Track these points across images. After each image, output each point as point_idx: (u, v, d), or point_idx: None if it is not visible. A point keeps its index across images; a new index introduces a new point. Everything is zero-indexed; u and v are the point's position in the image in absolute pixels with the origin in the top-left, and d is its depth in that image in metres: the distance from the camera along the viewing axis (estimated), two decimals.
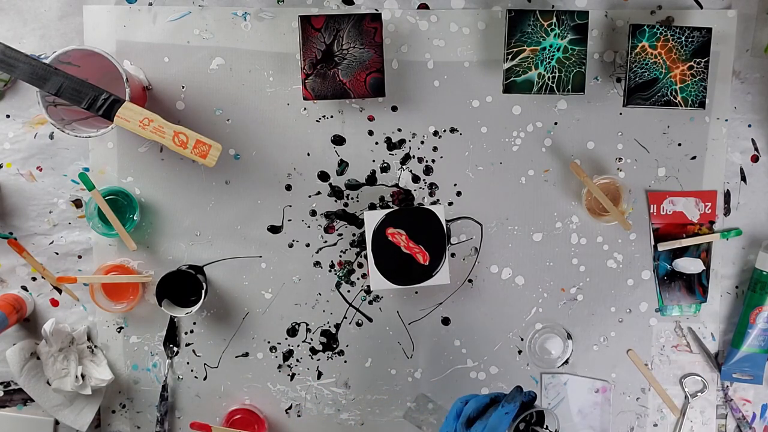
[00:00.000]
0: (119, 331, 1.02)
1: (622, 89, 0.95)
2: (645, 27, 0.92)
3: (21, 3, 0.96)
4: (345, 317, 1.03)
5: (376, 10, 0.98)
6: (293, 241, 1.01)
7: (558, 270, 1.02)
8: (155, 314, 1.02)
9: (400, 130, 1.00)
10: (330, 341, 1.03)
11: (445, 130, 1.00)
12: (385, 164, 1.00)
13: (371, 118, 1.00)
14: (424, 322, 1.03)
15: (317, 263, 1.02)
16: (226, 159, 0.99)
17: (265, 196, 1.00)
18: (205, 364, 1.03)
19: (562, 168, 1.00)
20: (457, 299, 1.02)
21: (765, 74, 0.99)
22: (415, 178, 1.01)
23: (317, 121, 0.99)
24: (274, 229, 1.01)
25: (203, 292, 0.97)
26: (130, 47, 0.98)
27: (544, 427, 0.92)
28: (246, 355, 1.03)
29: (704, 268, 1.02)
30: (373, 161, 1.00)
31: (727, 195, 1.02)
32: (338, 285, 1.02)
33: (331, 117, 0.99)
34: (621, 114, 1.00)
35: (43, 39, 0.97)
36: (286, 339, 1.03)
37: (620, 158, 1.01)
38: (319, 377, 1.04)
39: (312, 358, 1.03)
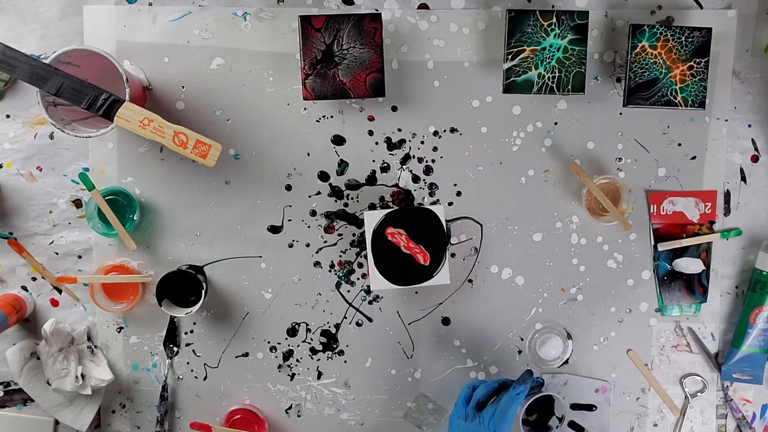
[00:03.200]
0: (119, 331, 1.02)
1: (622, 89, 0.95)
2: (645, 27, 0.92)
3: (21, 3, 0.96)
4: (345, 317, 1.03)
5: (376, 10, 0.98)
6: (293, 241, 1.01)
7: (558, 270, 1.02)
8: (155, 314, 1.02)
9: (400, 130, 1.00)
10: (330, 341, 1.03)
11: (445, 130, 1.00)
12: (385, 164, 1.00)
13: (371, 118, 0.99)
14: (424, 322, 1.03)
15: (317, 263, 1.02)
16: (226, 159, 0.99)
17: (265, 196, 1.00)
18: (205, 364, 1.03)
19: (562, 168, 1.00)
20: (457, 299, 1.02)
21: (765, 74, 0.99)
22: (415, 178, 1.01)
23: (317, 121, 0.99)
24: (274, 229, 1.01)
25: (203, 292, 0.97)
26: (130, 47, 0.98)
27: (553, 412, 0.92)
28: (246, 355, 1.03)
29: (704, 268, 1.02)
30: (373, 161, 1.00)
31: (727, 195, 1.01)
32: (338, 285, 1.02)
33: (331, 117, 0.99)
34: (621, 114, 1.00)
35: (43, 39, 0.97)
36: (286, 339, 1.03)
37: (620, 158, 1.00)
38: (319, 377, 1.04)
39: (312, 358, 1.03)
